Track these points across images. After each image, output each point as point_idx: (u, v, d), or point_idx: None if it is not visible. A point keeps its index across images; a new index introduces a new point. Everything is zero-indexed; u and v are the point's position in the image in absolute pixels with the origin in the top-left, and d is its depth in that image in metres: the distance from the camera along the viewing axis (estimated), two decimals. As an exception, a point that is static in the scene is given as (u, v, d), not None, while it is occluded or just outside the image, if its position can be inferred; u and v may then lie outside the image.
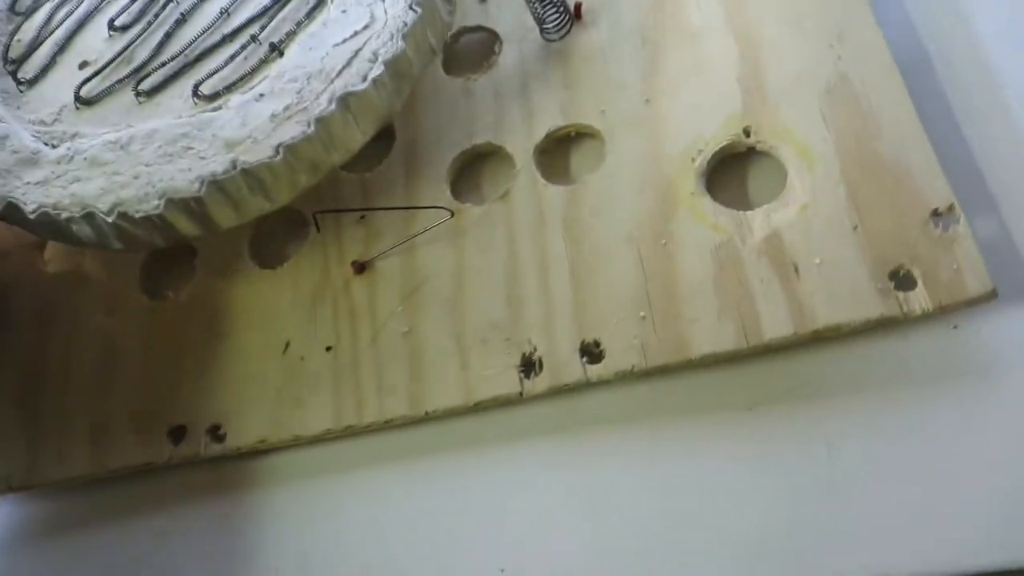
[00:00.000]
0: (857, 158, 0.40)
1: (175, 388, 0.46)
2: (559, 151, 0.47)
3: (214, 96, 0.45)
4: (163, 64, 0.47)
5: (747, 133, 0.43)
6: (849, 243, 0.38)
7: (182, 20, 0.49)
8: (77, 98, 0.47)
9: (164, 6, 0.50)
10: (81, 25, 0.52)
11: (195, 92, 0.45)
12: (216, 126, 0.43)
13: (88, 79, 0.48)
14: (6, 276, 0.52)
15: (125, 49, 0.49)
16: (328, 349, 0.44)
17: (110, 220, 0.42)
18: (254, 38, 0.46)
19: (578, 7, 0.49)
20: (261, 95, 0.43)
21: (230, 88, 0.45)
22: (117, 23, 0.50)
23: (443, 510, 0.40)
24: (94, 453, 0.46)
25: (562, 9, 0.48)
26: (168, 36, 0.49)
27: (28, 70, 0.51)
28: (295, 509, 0.43)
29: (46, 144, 0.46)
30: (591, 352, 0.40)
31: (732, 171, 0.44)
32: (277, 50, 0.45)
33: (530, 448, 0.40)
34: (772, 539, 0.36)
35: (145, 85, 0.47)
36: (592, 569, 0.37)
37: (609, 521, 0.38)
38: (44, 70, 0.50)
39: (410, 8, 0.44)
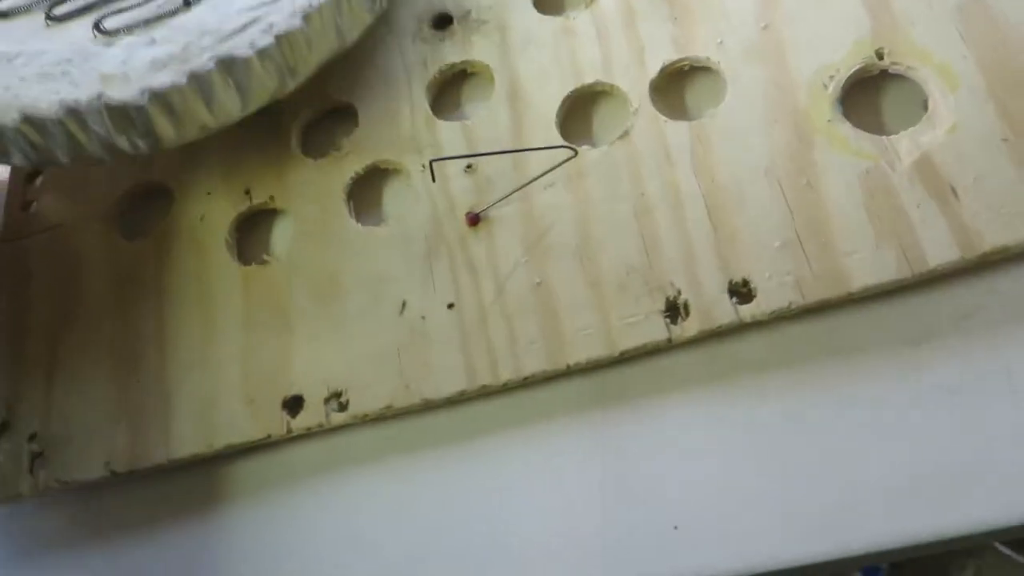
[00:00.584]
0: (1001, 74, 0.38)
1: (285, 356, 0.43)
2: (673, 87, 0.45)
3: (113, 33, 0.44)
4: None
5: (879, 56, 0.41)
6: (1006, 160, 0.37)
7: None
8: (-5, 9, 0.47)
9: None
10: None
11: (96, 26, 0.44)
12: (99, 60, 0.42)
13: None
14: (73, 250, 0.49)
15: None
16: (450, 306, 0.42)
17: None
18: None
19: (677, -66, 0.46)
20: (153, 40, 0.43)
21: (130, 29, 0.44)
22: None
23: (600, 471, 0.38)
24: (203, 431, 0.43)
25: (663, -64, 0.45)
26: None
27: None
28: (457, 467, 0.41)
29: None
30: (739, 292, 0.38)
31: (865, 96, 0.42)
32: (188, 4, 0.45)
33: (682, 397, 0.38)
34: (953, 478, 0.34)
35: (58, 11, 0.46)
36: (763, 519, 0.36)
37: (773, 469, 0.36)
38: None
39: None
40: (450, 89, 0.49)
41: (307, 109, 0.50)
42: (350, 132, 0.49)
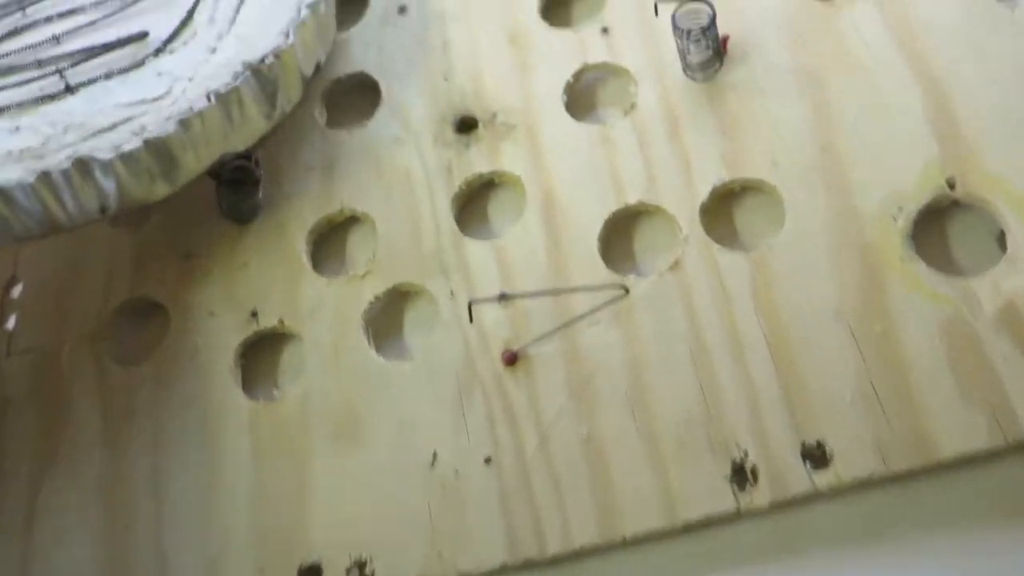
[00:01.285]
0: (1088, 209, 0.36)
1: (300, 512, 0.39)
2: (724, 209, 0.41)
3: None
4: None
5: (951, 185, 0.38)
6: (1101, 313, 0.34)
7: (14, 32, 0.48)
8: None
9: (10, 11, 0.48)
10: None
11: None
12: None
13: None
14: (56, 375, 0.44)
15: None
16: (487, 461, 0.38)
17: None
18: (60, 72, 0.45)
19: (724, 41, 0.43)
20: (17, 128, 0.42)
21: (3, 111, 0.43)
22: None
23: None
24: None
25: (709, 43, 0.42)
26: None
27: None
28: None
29: None
30: (814, 456, 0.35)
31: (933, 225, 0.39)
32: (70, 90, 0.43)
33: (750, 573, 0.35)
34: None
35: None
36: None
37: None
38: None
39: (206, 97, 0.41)
40: (476, 199, 0.45)
41: (316, 218, 0.46)
42: (365, 244, 0.45)
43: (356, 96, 0.50)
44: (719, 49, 0.42)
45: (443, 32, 0.50)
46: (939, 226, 0.39)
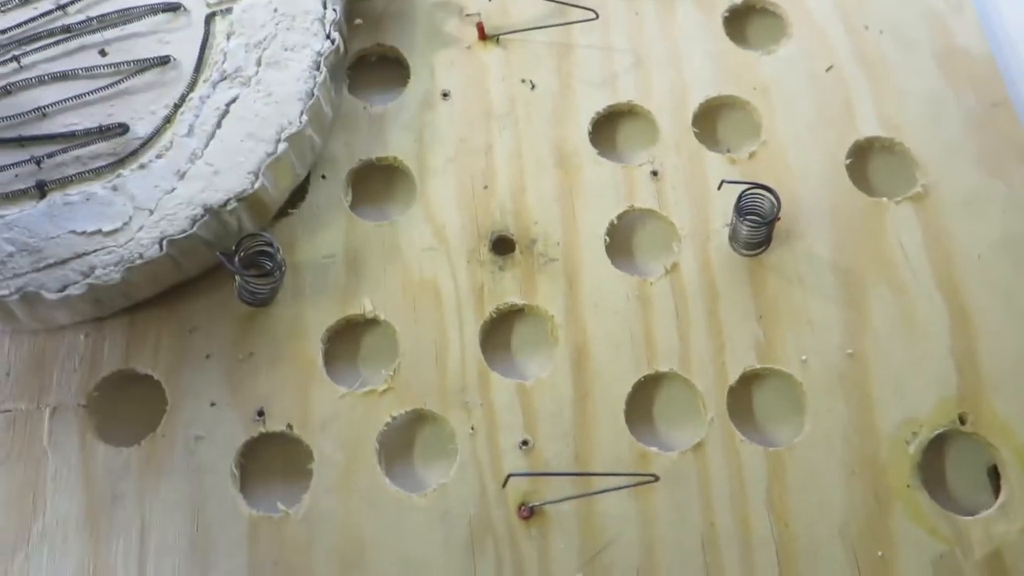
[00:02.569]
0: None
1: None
2: (746, 392, 0.43)
3: None
4: None
5: (962, 420, 0.41)
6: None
7: (5, 92, 0.45)
8: None
9: (4, 62, 0.46)
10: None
11: None
12: None
13: None
14: (34, 443, 0.41)
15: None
16: (495, 618, 0.38)
17: None
18: (38, 162, 0.43)
19: (773, 223, 0.44)
20: None
21: None
22: None
23: None
24: None
25: (765, 229, 0.43)
26: None
27: None
28: None
29: None
30: (805, 665, 0.37)
31: (935, 451, 0.41)
32: (42, 192, 0.43)
33: None
34: None
35: None
36: None
37: None
38: None
39: (159, 245, 0.41)
40: (503, 324, 0.45)
41: (335, 316, 0.44)
42: (381, 351, 0.44)
43: (387, 183, 0.48)
44: (771, 235, 0.43)
45: (487, 132, 0.48)
46: (940, 450, 0.41)
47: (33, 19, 0.47)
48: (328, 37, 0.45)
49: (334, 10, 0.46)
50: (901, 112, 0.47)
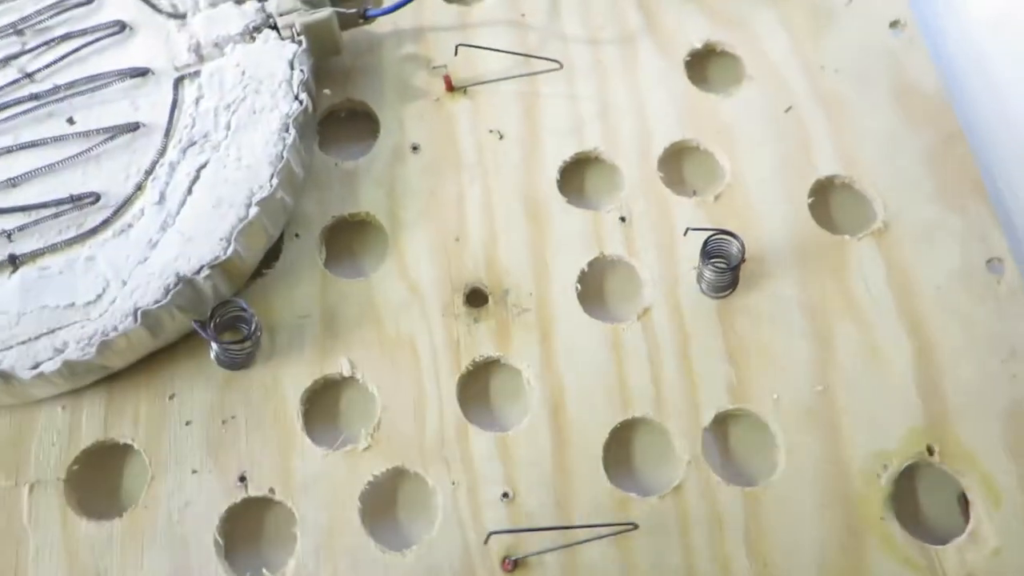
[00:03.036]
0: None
1: None
2: (722, 432, 0.44)
3: None
4: None
5: (930, 451, 0.42)
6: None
7: None
8: None
9: None
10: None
11: None
12: None
13: None
14: (9, 523, 0.41)
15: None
16: (483, 672, 0.39)
17: None
18: (8, 235, 0.43)
19: (739, 267, 0.45)
20: None
21: None
22: None
23: None
24: None
25: (727, 270, 0.44)
26: None
27: None
28: None
29: None
30: None
31: (905, 482, 0.42)
32: (15, 265, 0.43)
33: None
34: None
35: None
36: None
37: None
38: None
39: (133, 316, 0.41)
40: (478, 376, 0.45)
41: (313, 376, 0.44)
42: (358, 408, 0.44)
43: (361, 238, 0.49)
44: (737, 278, 0.44)
45: (458, 183, 0.49)
46: (911, 481, 0.43)
47: (0, 88, 0.47)
48: (296, 98, 0.46)
49: (301, 70, 0.47)
50: (859, 149, 0.49)
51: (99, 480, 0.43)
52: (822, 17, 0.53)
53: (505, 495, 0.42)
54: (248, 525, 0.42)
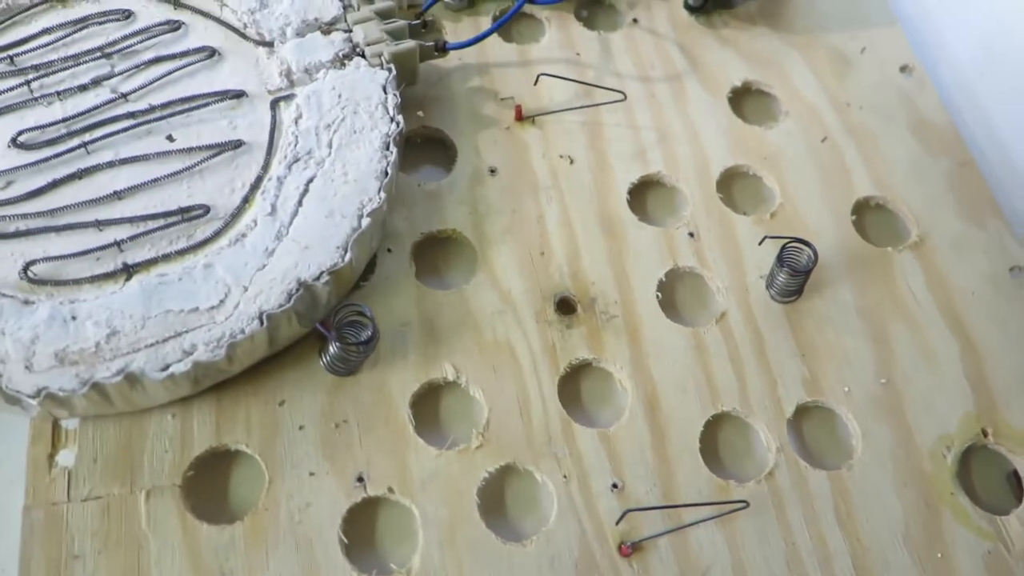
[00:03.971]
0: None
1: None
2: (800, 424, 0.48)
3: (41, 283, 0.43)
4: (24, 216, 0.44)
5: (985, 434, 0.47)
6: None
7: (77, 176, 0.46)
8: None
9: (72, 149, 0.47)
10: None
11: (26, 269, 0.43)
12: (15, 328, 0.40)
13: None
14: (127, 529, 0.41)
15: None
16: (612, 651, 0.40)
17: None
18: (119, 244, 0.44)
19: (809, 272, 0.49)
20: (73, 317, 0.41)
21: (59, 284, 0.43)
22: (21, 140, 0.47)
23: None
24: None
25: (799, 274, 0.48)
26: (53, 185, 0.45)
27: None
28: None
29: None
30: (894, 664, 0.41)
31: (966, 464, 0.47)
32: (129, 273, 0.44)
33: None
34: None
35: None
36: None
37: None
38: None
39: (259, 320, 0.42)
40: (574, 377, 0.48)
41: (419, 381, 0.46)
42: (460, 410, 0.46)
43: (446, 254, 0.51)
44: (805, 283, 0.49)
45: (536, 203, 0.52)
46: (968, 462, 0.47)
47: (96, 107, 0.48)
48: (392, 120, 0.49)
49: (395, 94, 0.50)
50: (888, 175, 0.55)
51: (215, 485, 0.43)
52: (841, 62, 0.60)
53: (615, 486, 0.44)
54: (368, 523, 0.43)
